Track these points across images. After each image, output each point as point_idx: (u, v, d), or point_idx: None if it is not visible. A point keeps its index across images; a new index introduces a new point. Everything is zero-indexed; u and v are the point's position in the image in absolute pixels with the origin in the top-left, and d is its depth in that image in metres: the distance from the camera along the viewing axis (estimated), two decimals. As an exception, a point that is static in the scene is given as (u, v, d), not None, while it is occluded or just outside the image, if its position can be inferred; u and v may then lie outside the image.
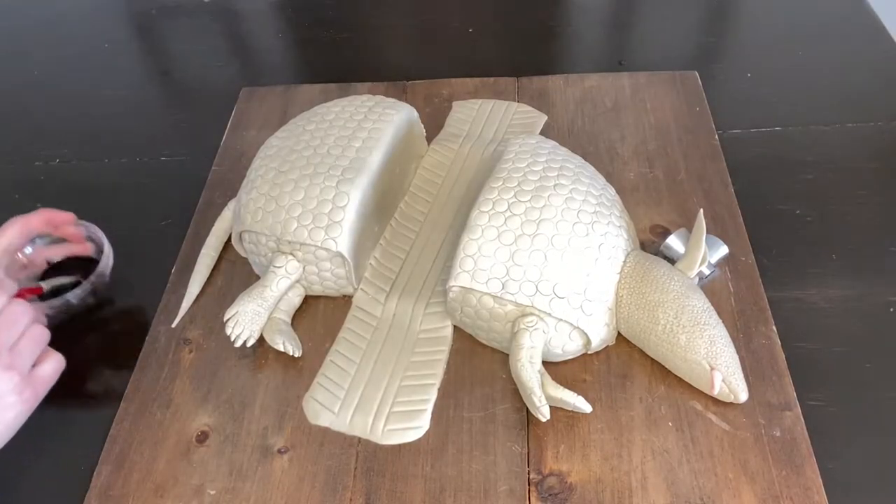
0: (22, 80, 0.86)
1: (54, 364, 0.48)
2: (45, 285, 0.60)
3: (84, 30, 0.93)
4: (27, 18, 0.95)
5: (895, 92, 0.72)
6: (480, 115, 0.72)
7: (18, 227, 0.57)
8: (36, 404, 0.47)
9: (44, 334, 0.48)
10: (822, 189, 0.64)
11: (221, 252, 0.63)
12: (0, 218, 0.57)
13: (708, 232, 0.53)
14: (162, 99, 0.83)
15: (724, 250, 0.56)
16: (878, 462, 0.48)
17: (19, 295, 0.53)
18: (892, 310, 0.55)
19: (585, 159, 0.59)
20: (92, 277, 0.59)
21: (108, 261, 0.60)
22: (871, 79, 0.74)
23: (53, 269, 0.63)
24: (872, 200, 0.63)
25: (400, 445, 0.50)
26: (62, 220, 0.60)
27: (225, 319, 0.54)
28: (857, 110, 0.71)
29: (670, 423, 0.49)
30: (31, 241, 0.61)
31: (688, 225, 0.56)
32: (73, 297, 0.58)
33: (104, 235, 0.62)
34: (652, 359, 0.52)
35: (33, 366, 0.47)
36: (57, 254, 0.63)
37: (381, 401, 0.52)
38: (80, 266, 0.62)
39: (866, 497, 0.47)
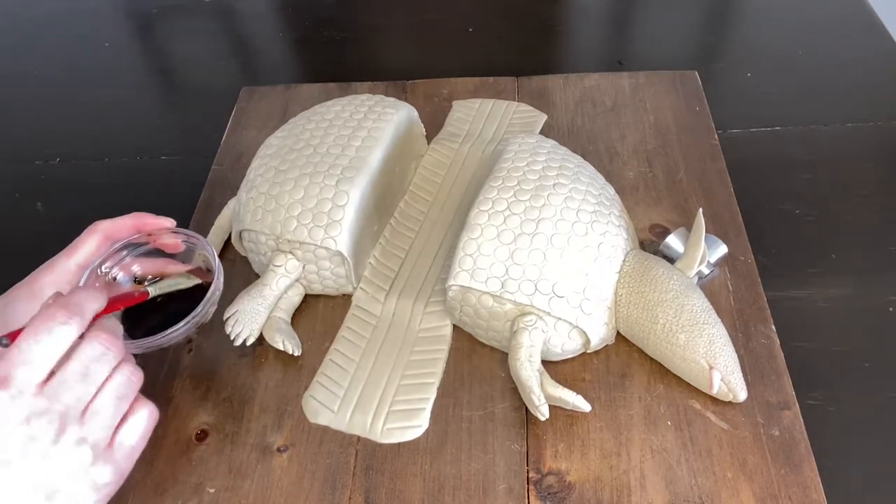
0: (22, 79, 0.86)
1: (144, 420, 0.37)
2: (153, 290, 0.47)
3: (84, 30, 0.93)
4: (27, 18, 0.96)
5: (895, 92, 0.72)
6: (480, 114, 0.72)
7: (101, 235, 0.46)
8: (120, 482, 0.37)
9: (130, 383, 0.37)
10: (822, 189, 0.64)
11: (221, 251, 0.63)
12: (1, 219, 0.56)
13: (707, 231, 0.53)
14: (162, 99, 0.83)
15: (723, 250, 0.56)
16: (876, 461, 0.48)
17: (113, 305, 0.40)
18: (891, 310, 0.55)
19: (585, 159, 0.59)
20: (199, 308, 0.46)
21: (218, 283, 0.48)
22: (871, 78, 0.74)
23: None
24: (872, 200, 0.63)
25: (399, 444, 0.50)
26: (157, 226, 0.49)
27: (224, 318, 0.54)
28: (856, 110, 0.71)
29: (669, 422, 0.49)
30: (118, 253, 0.49)
31: (687, 224, 0.56)
32: (172, 336, 0.45)
33: (213, 250, 0.50)
34: (651, 358, 0.52)
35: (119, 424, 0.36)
36: (149, 270, 0.50)
37: (380, 399, 0.52)
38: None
39: (865, 496, 0.47)
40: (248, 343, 0.54)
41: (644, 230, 0.61)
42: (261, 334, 0.55)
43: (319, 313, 0.58)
